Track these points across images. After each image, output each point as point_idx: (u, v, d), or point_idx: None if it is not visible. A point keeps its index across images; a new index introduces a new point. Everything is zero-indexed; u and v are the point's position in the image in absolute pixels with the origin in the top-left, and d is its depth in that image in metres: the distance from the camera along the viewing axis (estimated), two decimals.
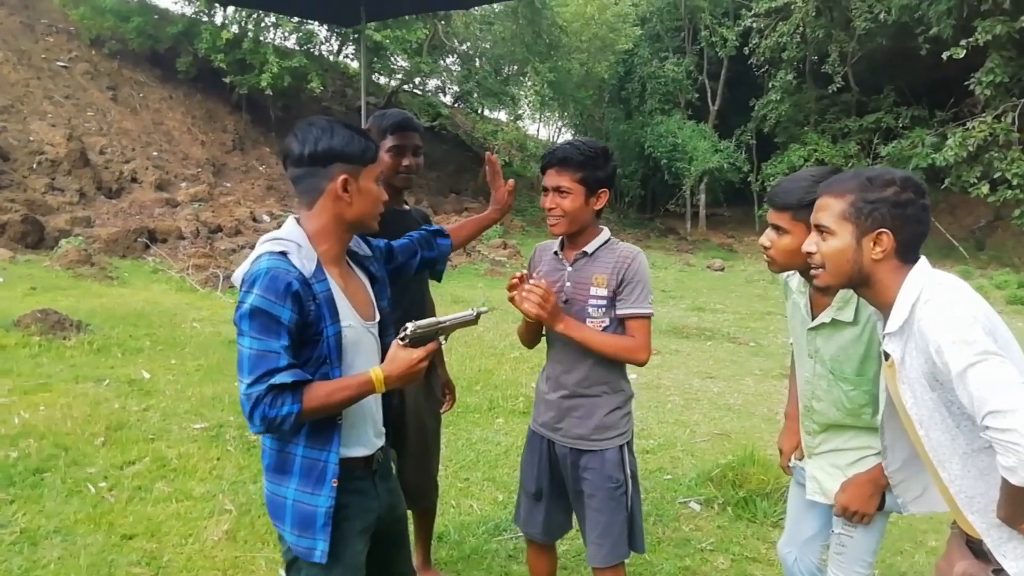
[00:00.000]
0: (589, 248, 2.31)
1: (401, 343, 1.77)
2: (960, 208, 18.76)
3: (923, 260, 1.62)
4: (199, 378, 5.58)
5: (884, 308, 1.64)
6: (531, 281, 2.21)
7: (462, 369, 6.57)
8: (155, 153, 14.97)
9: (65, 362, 5.64)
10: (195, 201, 13.26)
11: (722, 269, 16.88)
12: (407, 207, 2.85)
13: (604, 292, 2.27)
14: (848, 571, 2.11)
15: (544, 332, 2.43)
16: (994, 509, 1.54)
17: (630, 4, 23.11)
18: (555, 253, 2.40)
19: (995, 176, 15.58)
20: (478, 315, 1.91)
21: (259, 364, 1.65)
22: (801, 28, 19.68)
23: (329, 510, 1.75)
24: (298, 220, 1.83)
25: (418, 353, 1.76)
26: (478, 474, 4.30)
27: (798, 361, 2.26)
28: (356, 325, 1.82)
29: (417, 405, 2.77)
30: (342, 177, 1.76)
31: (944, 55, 15.34)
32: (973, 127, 15.63)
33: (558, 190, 2.25)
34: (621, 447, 2.32)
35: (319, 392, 1.69)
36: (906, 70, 19.03)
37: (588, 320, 2.28)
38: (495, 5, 19.75)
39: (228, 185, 15.35)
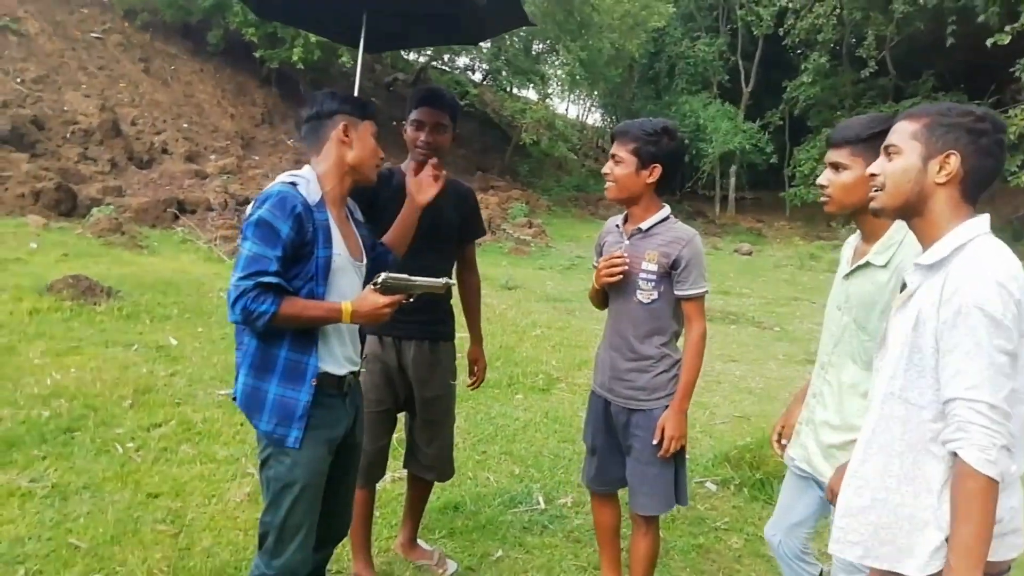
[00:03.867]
0: (644, 225, 2.49)
1: (373, 288, 2.04)
2: (999, 197, 18.29)
3: (986, 216, 1.57)
4: (224, 346, 5.67)
5: (928, 244, 1.59)
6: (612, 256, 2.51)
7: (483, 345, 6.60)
8: (185, 125, 15.12)
9: (95, 327, 5.76)
10: (224, 173, 13.39)
11: (750, 253, 16.72)
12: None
13: (654, 268, 2.44)
14: None
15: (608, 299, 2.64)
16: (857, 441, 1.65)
17: None
18: (616, 226, 2.60)
19: None
20: (446, 286, 2.18)
21: (252, 264, 1.92)
22: (838, 10, 19.23)
23: (307, 404, 2.02)
24: (310, 166, 2.14)
25: (384, 300, 2.04)
26: (495, 448, 4.33)
27: (827, 319, 2.19)
28: (344, 256, 2.10)
29: (419, 376, 2.75)
30: (343, 123, 2.10)
31: (989, 41, 14.90)
32: (1016, 114, 15.21)
33: (614, 158, 2.46)
34: (667, 407, 2.49)
35: (296, 303, 1.96)
36: (946, 55, 18.55)
37: (638, 292, 2.47)
38: None
39: (256, 158, 15.48)
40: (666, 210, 2.53)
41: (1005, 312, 1.42)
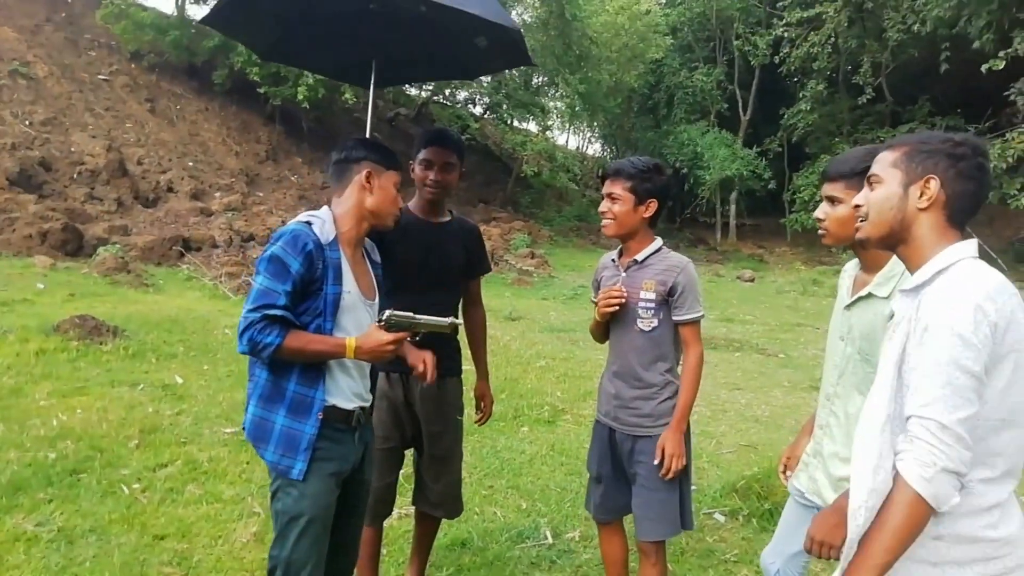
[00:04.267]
0: (639, 256, 2.60)
1: (379, 325, 2.10)
2: (999, 220, 18.41)
3: (974, 241, 1.53)
4: (230, 384, 5.68)
5: (915, 270, 1.56)
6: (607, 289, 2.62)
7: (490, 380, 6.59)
8: (191, 163, 15.31)
9: (102, 366, 5.78)
10: (228, 210, 13.52)
11: (752, 280, 16.73)
12: (446, 219, 2.89)
13: (652, 296, 2.55)
14: None
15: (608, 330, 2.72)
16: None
17: (661, 14, 23.13)
18: (612, 260, 2.71)
19: None
20: (452, 326, 2.23)
21: (262, 297, 2.00)
22: (833, 38, 19.50)
23: (312, 437, 2.07)
24: (330, 206, 2.22)
25: (388, 337, 2.08)
26: (502, 482, 4.31)
27: (829, 349, 2.19)
28: (355, 294, 2.16)
29: (426, 411, 2.78)
30: (367, 170, 2.18)
31: (984, 68, 15.06)
32: (1013, 138, 15.32)
33: (611, 196, 2.57)
34: None
35: (301, 337, 2.03)
36: (943, 81, 18.75)
37: (638, 320, 2.57)
38: (525, 18, 19.89)
39: (261, 194, 15.63)
40: (659, 241, 2.65)
41: (976, 331, 1.37)
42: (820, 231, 2.13)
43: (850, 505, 1.50)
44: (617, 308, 2.55)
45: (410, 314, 2.12)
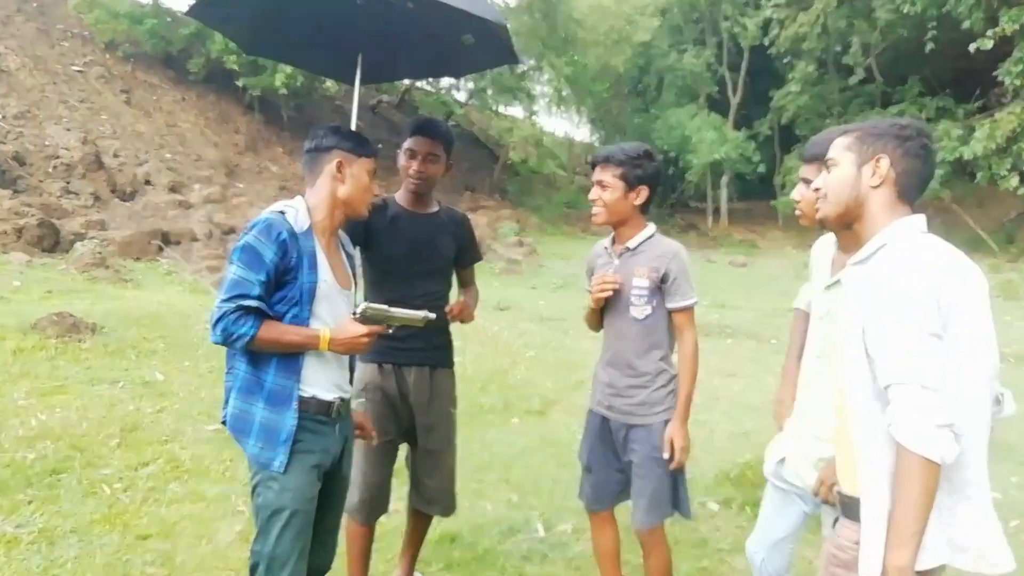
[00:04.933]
0: (632, 244, 2.59)
1: (353, 317, 2.11)
2: (989, 201, 18.47)
3: (921, 217, 1.63)
4: (212, 380, 5.57)
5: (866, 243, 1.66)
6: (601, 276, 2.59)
7: (476, 369, 6.52)
8: (168, 155, 15.07)
9: (81, 364, 5.65)
10: (208, 203, 13.29)
11: (744, 265, 16.75)
12: (434, 210, 2.84)
13: (646, 283, 2.53)
14: None
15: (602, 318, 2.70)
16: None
17: None
18: (605, 248, 2.70)
19: None
20: (425, 319, 2.24)
21: (236, 287, 1.99)
22: (822, 19, 19.41)
23: (292, 428, 2.06)
24: (303, 196, 2.22)
25: (363, 329, 2.10)
26: (492, 475, 4.26)
27: (810, 329, 2.23)
28: (331, 283, 2.14)
29: (419, 402, 2.76)
30: (337, 159, 2.16)
31: (972, 47, 15.04)
32: (1002, 118, 15.34)
33: (600, 184, 2.55)
34: (665, 421, 2.54)
35: (275, 327, 2.03)
36: (932, 60, 18.75)
37: (631, 308, 2.55)
38: (510, 3, 19.71)
39: (241, 186, 15.42)
40: (651, 228, 2.63)
41: (924, 296, 1.45)
42: (796, 212, 2.21)
43: (863, 479, 1.51)
44: (611, 294, 2.53)
45: (385, 307, 2.14)
